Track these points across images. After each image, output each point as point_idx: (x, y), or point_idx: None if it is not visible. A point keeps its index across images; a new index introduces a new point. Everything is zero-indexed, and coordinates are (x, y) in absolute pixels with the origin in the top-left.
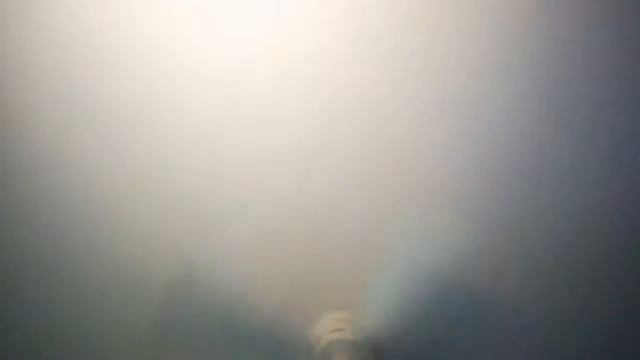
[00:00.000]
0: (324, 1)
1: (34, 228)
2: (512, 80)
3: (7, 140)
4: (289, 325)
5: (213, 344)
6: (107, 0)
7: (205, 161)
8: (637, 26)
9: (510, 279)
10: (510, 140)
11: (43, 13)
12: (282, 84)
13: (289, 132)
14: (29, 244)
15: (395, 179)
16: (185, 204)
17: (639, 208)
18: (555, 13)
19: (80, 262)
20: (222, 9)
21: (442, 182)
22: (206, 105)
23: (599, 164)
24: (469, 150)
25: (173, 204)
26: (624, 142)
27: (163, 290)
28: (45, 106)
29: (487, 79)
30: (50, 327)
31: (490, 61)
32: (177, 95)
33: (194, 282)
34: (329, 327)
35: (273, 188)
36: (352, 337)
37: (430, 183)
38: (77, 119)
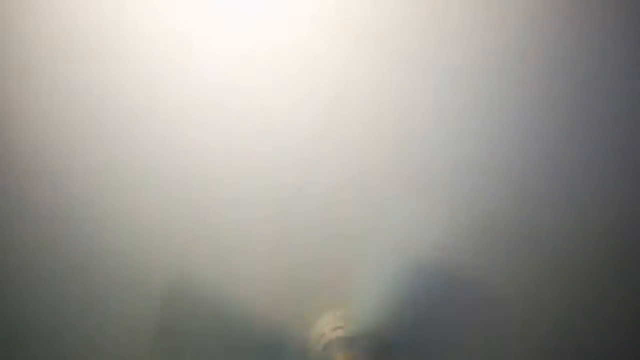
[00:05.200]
0: (326, 4)
1: (34, 228)
2: (515, 80)
3: (7, 140)
4: (288, 324)
5: (211, 345)
6: (107, 2)
7: (204, 163)
8: None
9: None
10: (512, 139)
11: (43, 13)
12: (283, 87)
13: (289, 135)
14: (28, 244)
15: (397, 181)
16: (185, 205)
17: None
18: (562, 12)
19: (80, 262)
20: (224, 11)
21: (445, 183)
22: (206, 108)
23: (603, 163)
24: (472, 150)
25: (173, 204)
26: (629, 140)
27: (162, 290)
28: (44, 106)
29: (489, 79)
30: (50, 327)
31: (494, 61)
32: (178, 98)
33: (192, 282)
34: (329, 325)
35: (273, 190)
36: (351, 334)
37: (432, 185)
38: (77, 121)
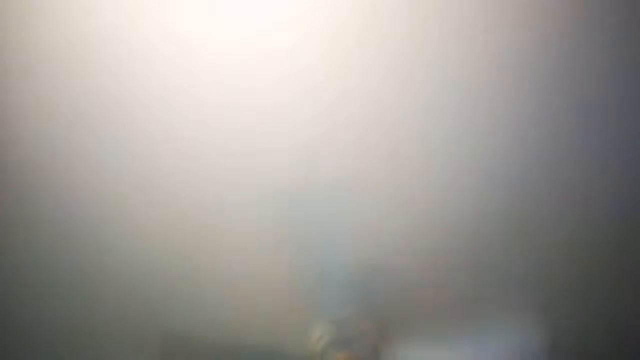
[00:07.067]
0: (326, 6)
1: (34, 229)
2: (515, 80)
3: (7, 140)
4: (288, 323)
5: (209, 352)
6: (106, 3)
7: (203, 164)
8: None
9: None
10: (512, 139)
11: (43, 14)
12: (283, 87)
13: (289, 136)
14: (28, 245)
15: (395, 184)
16: (185, 205)
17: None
18: (559, 15)
19: (80, 262)
20: (224, 12)
21: (444, 185)
22: (206, 108)
23: (604, 163)
24: (471, 150)
25: (173, 204)
26: (630, 139)
27: (161, 288)
28: (45, 106)
29: (489, 79)
30: (50, 328)
31: (494, 61)
32: (177, 98)
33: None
34: (328, 324)
35: (272, 190)
36: (350, 334)
37: (431, 186)
38: (77, 122)
